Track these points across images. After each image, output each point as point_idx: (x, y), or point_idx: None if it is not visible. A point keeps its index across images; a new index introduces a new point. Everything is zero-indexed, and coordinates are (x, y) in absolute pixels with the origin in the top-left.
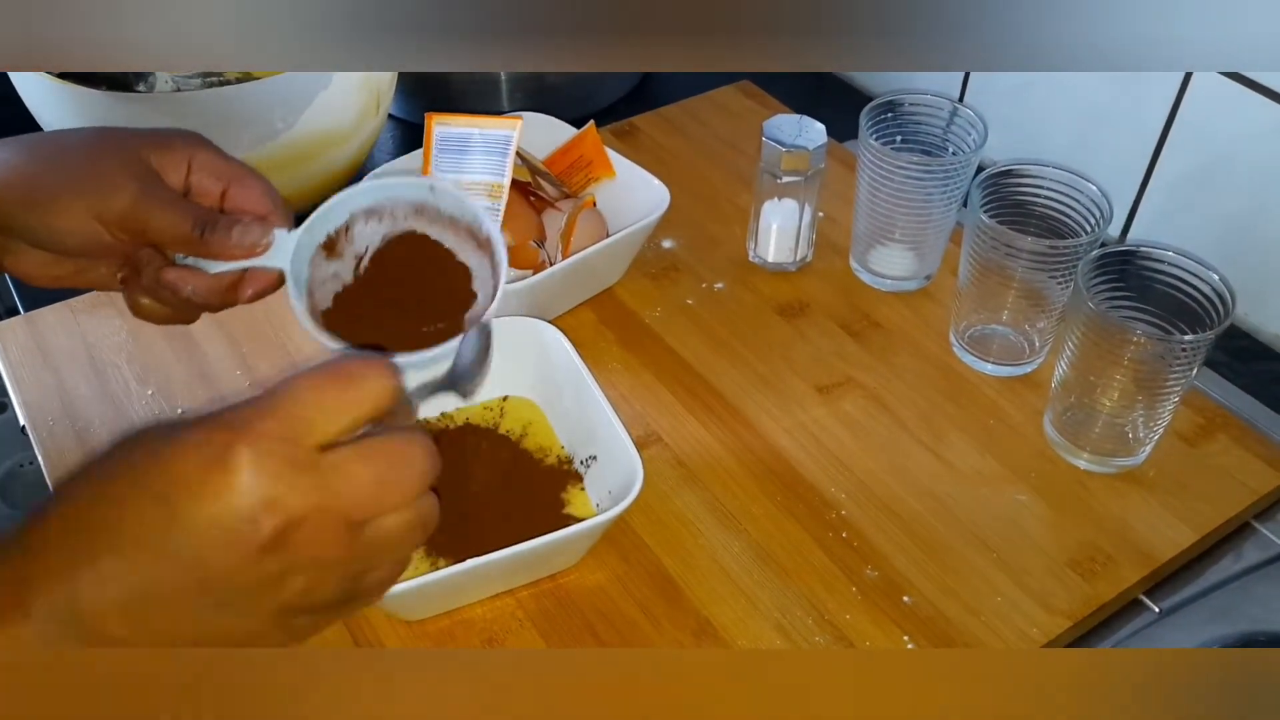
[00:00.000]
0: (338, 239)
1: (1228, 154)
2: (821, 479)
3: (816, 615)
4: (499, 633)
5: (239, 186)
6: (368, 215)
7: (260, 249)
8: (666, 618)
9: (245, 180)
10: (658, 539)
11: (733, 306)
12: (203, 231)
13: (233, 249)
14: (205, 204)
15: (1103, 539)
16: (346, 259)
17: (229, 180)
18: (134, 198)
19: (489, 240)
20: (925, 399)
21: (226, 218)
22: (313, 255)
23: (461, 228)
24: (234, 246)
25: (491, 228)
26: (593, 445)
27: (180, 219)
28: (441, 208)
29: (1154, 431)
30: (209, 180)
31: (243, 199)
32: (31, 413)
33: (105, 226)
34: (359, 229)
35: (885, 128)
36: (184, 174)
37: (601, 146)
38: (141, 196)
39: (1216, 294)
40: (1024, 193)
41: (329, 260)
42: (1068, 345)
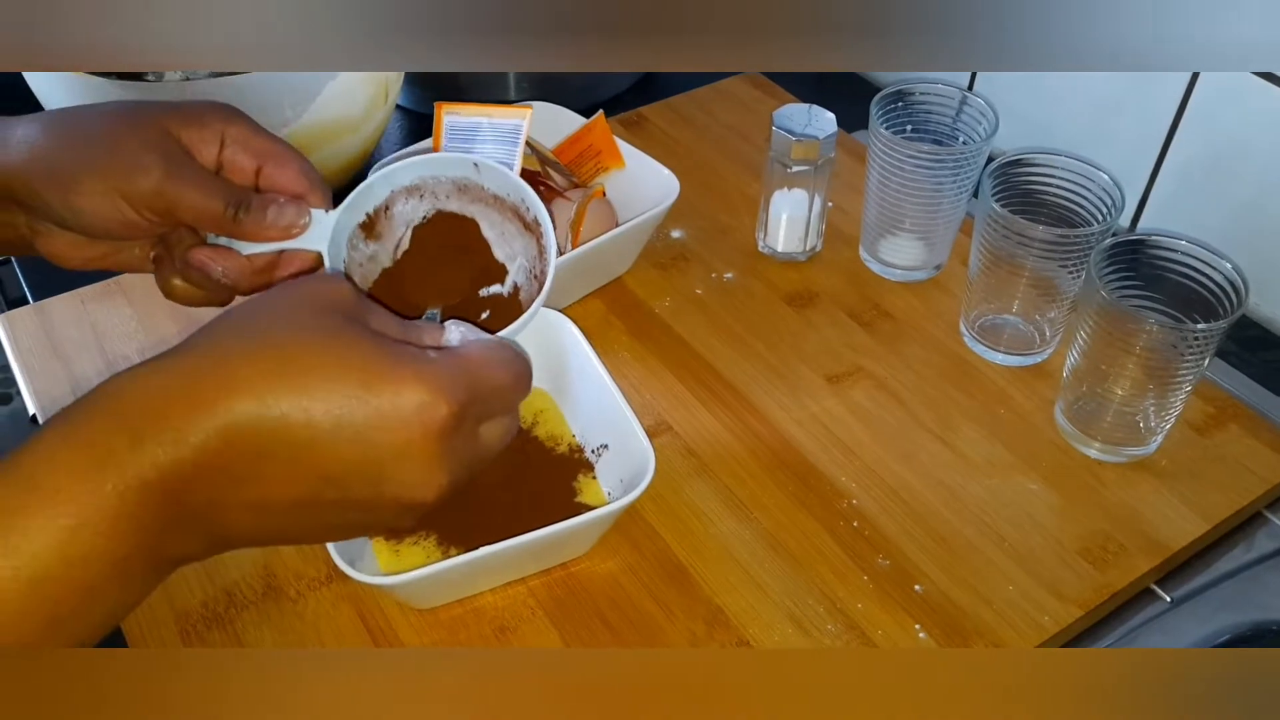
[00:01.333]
0: (377, 218)
1: (1239, 143)
2: (832, 468)
3: (828, 604)
4: (511, 621)
5: (275, 164)
6: (409, 193)
7: (297, 230)
8: (678, 606)
9: (282, 157)
10: (669, 528)
11: (742, 296)
12: (236, 211)
13: (268, 230)
14: (239, 182)
15: (1114, 528)
16: (386, 241)
17: (265, 157)
18: (161, 177)
19: (537, 222)
20: (936, 389)
21: (261, 197)
22: (350, 235)
23: (507, 207)
24: (269, 227)
25: (540, 209)
26: (604, 434)
27: (211, 198)
28: (486, 186)
29: (1165, 421)
30: (244, 157)
31: (279, 177)
32: (41, 402)
33: (131, 207)
34: (399, 208)
35: (895, 117)
36: (217, 150)
37: (611, 136)
38: (169, 175)
39: (1229, 283)
40: (1035, 182)
41: (367, 241)
42: (1079, 335)
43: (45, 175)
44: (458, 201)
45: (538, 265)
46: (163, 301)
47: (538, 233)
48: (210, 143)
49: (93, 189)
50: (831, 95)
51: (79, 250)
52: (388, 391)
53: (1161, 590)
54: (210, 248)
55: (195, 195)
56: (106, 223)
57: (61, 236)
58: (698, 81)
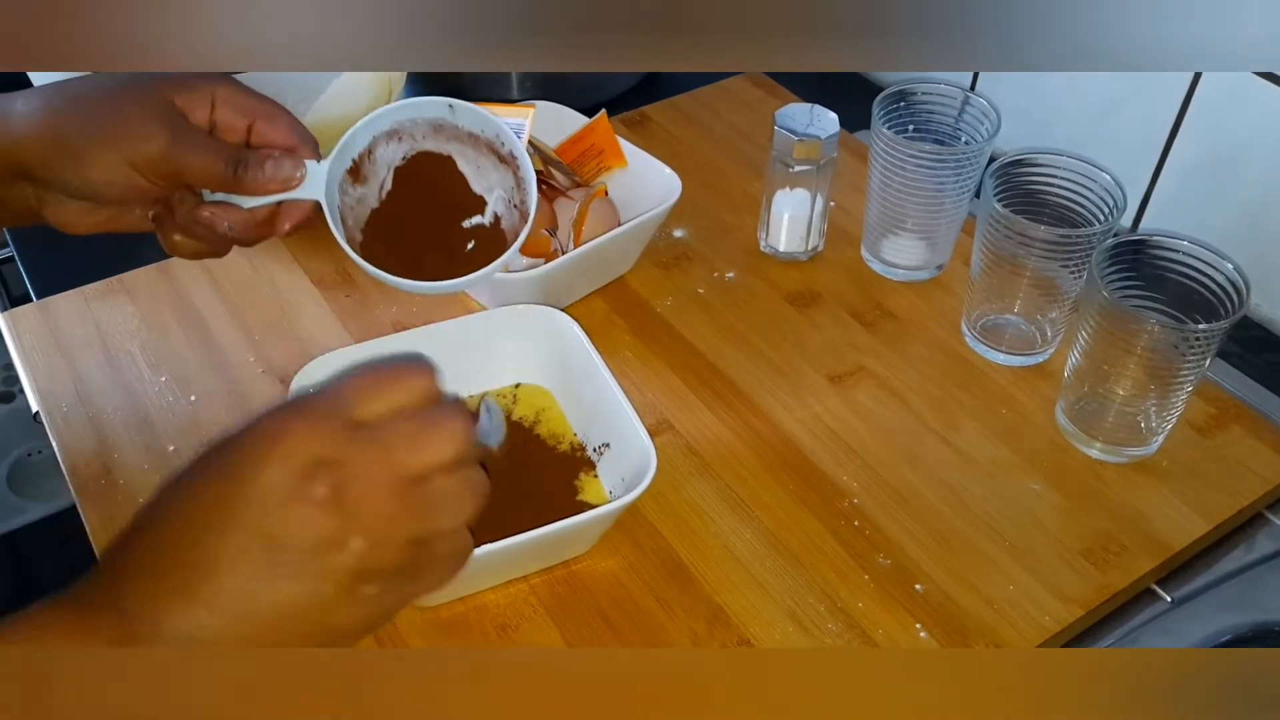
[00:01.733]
0: (361, 163)
1: (1242, 143)
2: (833, 467)
3: (829, 603)
4: (512, 619)
5: (265, 121)
6: (389, 137)
7: (295, 182)
8: (679, 605)
9: (271, 114)
10: (670, 526)
11: (744, 296)
12: (236, 169)
13: (267, 184)
14: (232, 140)
15: (1115, 528)
16: (371, 183)
17: (254, 115)
18: (166, 142)
19: (512, 155)
20: (938, 388)
21: (258, 154)
22: (340, 182)
23: (482, 144)
24: (268, 181)
25: (514, 142)
26: (606, 433)
27: (214, 159)
28: (461, 125)
29: (1167, 421)
30: (234, 116)
31: (270, 133)
32: (45, 400)
33: (140, 173)
34: (380, 151)
35: (897, 117)
36: (208, 111)
37: (613, 135)
38: (173, 140)
39: (1230, 283)
40: (1037, 182)
41: (355, 186)
42: (1080, 335)
43: (55, 148)
44: (434, 141)
45: (516, 195)
46: (165, 299)
47: (514, 165)
48: (202, 105)
49: (103, 159)
50: (834, 95)
51: (86, 216)
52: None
53: (1162, 590)
54: (214, 205)
55: (199, 158)
56: (116, 189)
57: (69, 205)
58: (701, 81)
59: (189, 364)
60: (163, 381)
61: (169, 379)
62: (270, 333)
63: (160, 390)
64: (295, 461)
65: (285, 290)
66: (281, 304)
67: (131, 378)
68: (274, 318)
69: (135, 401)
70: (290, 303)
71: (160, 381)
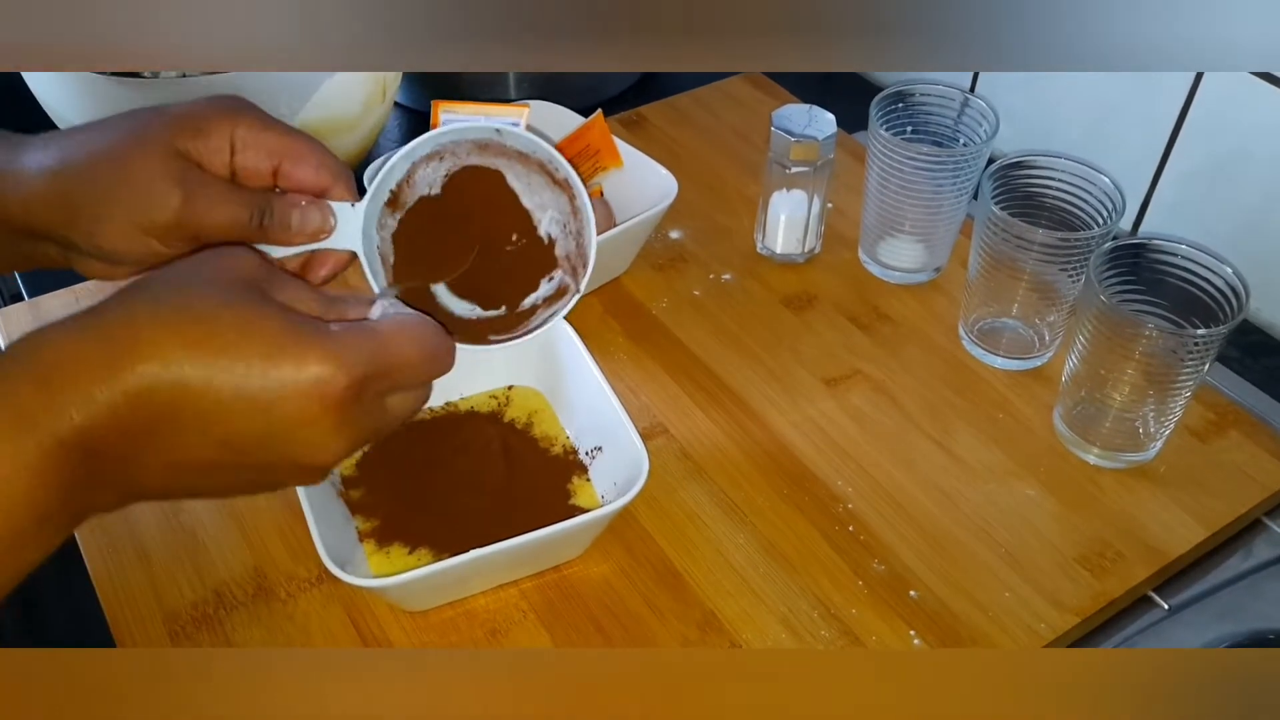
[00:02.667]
0: (400, 191)
1: (1242, 147)
2: (828, 472)
3: (822, 609)
4: (502, 624)
5: (291, 160)
6: (428, 160)
7: (325, 233)
8: (671, 610)
9: (297, 152)
10: (663, 531)
11: (740, 298)
12: (260, 221)
13: (295, 236)
14: (257, 184)
15: (1112, 535)
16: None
17: (279, 155)
18: (179, 205)
19: (567, 181)
20: (934, 392)
21: (283, 201)
22: (379, 218)
23: (533, 163)
24: (296, 234)
25: (568, 169)
26: (598, 436)
27: (235, 213)
28: (508, 145)
29: (1165, 427)
30: (257, 159)
31: (298, 174)
32: None
33: (156, 239)
34: (421, 174)
35: (895, 118)
36: (228, 157)
37: (609, 136)
38: (186, 202)
39: (1230, 288)
40: (1035, 185)
41: (394, 214)
42: (1078, 339)
43: (64, 215)
44: (479, 157)
45: (573, 223)
46: None
47: (569, 191)
48: (220, 151)
49: (115, 230)
50: (832, 96)
51: (114, 270)
52: (288, 363)
53: (1159, 598)
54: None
55: (216, 216)
56: (134, 255)
57: (94, 263)
58: (698, 82)
59: None
60: None
61: None
62: None
63: None
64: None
65: None
66: None
67: None
68: None
69: None
70: None
71: None
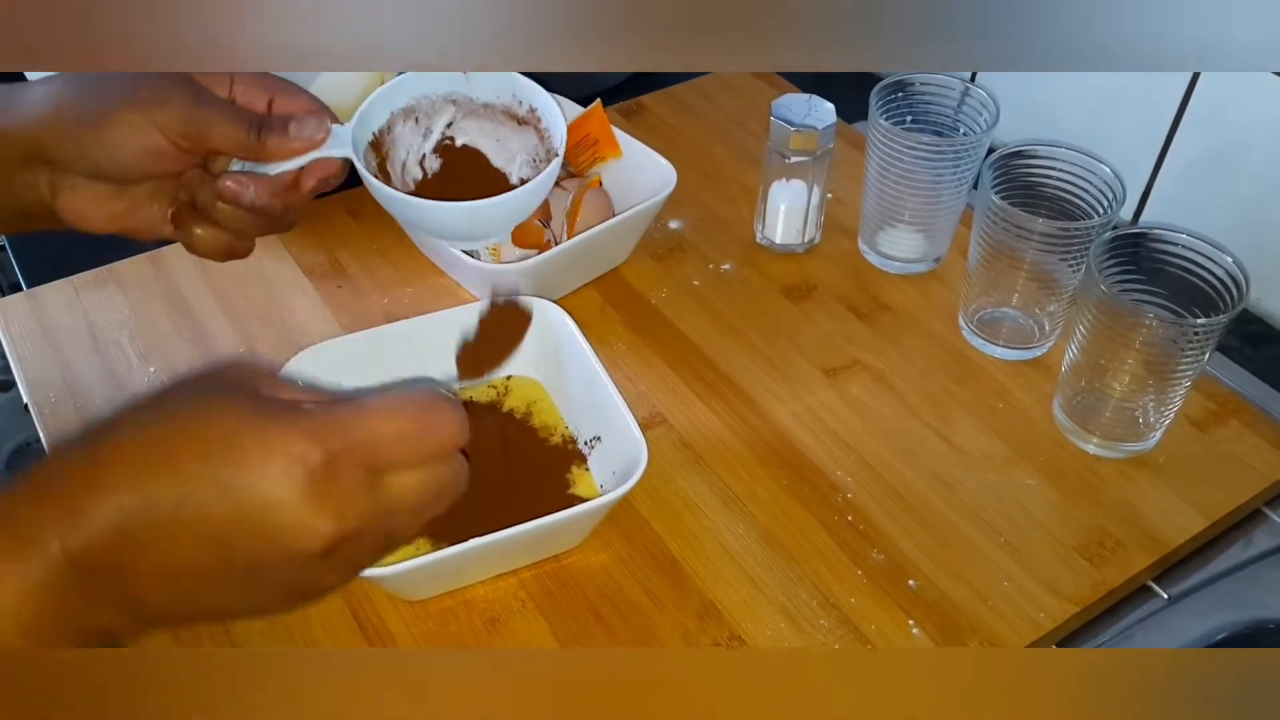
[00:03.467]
0: (381, 140)
1: (1243, 137)
2: (827, 462)
3: (821, 598)
4: (501, 613)
5: (283, 95)
6: (405, 115)
7: (320, 140)
8: (670, 599)
9: (289, 89)
10: (662, 520)
11: (739, 288)
12: (260, 131)
13: (292, 144)
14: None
15: (1112, 524)
16: (395, 168)
17: (272, 90)
18: (191, 105)
19: (532, 110)
20: (933, 382)
21: (281, 115)
22: (364, 153)
23: (498, 112)
24: (293, 141)
25: (533, 94)
26: (597, 426)
27: (237, 122)
28: (475, 96)
29: (1165, 416)
30: (253, 92)
31: (290, 104)
32: (33, 390)
33: (165, 134)
34: (399, 130)
35: (895, 108)
36: (228, 88)
37: (608, 125)
38: (197, 104)
39: (1230, 277)
40: (1036, 174)
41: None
42: (1078, 329)
43: (76, 118)
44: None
45: (540, 149)
46: (155, 289)
47: (534, 121)
48: (221, 81)
49: (127, 119)
50: (832, 85)
51: (102, 205)
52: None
53: (1159, 587)
54: (235, 175)
55: (223, 120)
56: (138, 154)
57: (85, 190)
58: (697, 72)
59: (179, 354)
60: (152, 372)
61: (158, 369)
62: (260, 323)
63: (149, 381)
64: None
65: (276, 280)
66: (272, 294)
67: (120, 368)
68: (264, 308)
69: (124, 392)
70: (281, 293)
71: (149, 372)
